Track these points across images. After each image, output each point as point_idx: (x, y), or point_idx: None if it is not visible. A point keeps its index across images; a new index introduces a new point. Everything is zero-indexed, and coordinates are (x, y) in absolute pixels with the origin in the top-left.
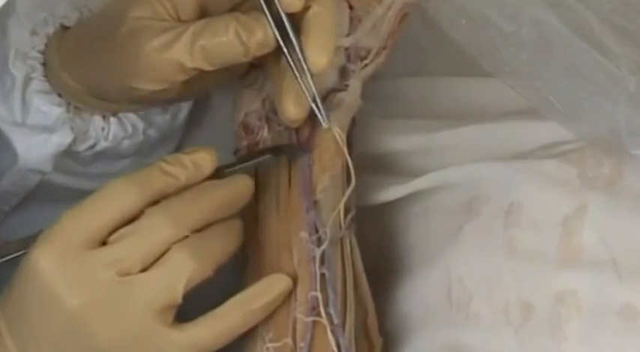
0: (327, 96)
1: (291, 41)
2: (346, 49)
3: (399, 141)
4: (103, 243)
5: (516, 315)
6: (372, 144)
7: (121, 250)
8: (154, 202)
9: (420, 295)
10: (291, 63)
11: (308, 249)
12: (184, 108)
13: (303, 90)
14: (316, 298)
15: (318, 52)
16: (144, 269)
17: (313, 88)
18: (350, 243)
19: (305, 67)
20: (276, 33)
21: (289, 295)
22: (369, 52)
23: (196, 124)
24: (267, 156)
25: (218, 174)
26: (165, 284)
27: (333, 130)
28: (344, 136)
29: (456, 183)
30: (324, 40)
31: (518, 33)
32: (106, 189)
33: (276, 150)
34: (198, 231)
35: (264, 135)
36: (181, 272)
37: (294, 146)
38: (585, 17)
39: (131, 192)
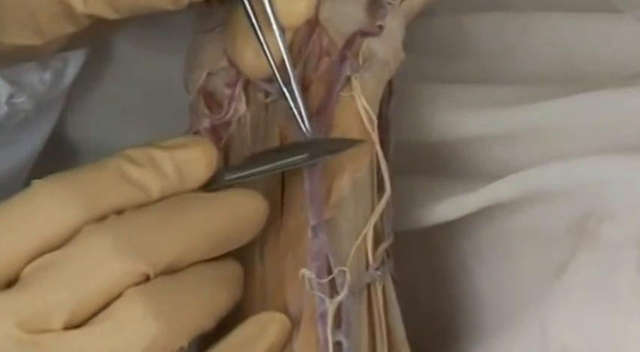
0: (349, 45)
1: None
2: None
3: (465, 120)
4: (9, 284)
5: None
6: (421, 127)
7: (36, 293)
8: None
9: None
10: (249, 10)
11: (314, 299)
12: (74, 62)
13: (265, 54)
14: None
15: None
16: (74, 326)
17: (283, 50)
18: (384, 291)
19: (272, 19)
20: None
21: None
22: None
23: (91, 85)
24: (303, 157)
25: (215, 181)
26: None
27: (357, 103)
28: (374, 113)
29: (557, 190)
30: None
31: None
32: (29, 200)
33: (318, 145)
34: (170, 273)
35: (240, 111)
36: (135, 335)
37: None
38: None
39: (70, 207)
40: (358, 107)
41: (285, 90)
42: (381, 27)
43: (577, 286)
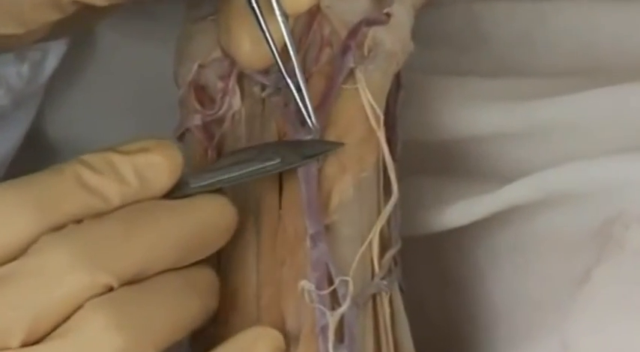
0: (353, 34)
1: None
2: None
3: (477, 116)
4: None
5: None
6: (430, 124)
7: None
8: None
9: None
10: None
11: (314, 313)
12: (54, 53)
13: (267, 40)
14: None
15: None
16: (31, 343)
17: (287, 37)
18: (391, 302)
19: (275, 4)
20: None
21: None
22: None
23: (72, 78)
24: (275, 163)
25: (179, 188)
26: None
27: (362, 97)
28: (380, 108)
29: (578, 192)
30: None
31: None
32: None
33: (294, 148)
34: (135, 282)
35: (234, 106)
36: (96, 349)
37: (333, 144)
38: None
39: (25, 216)
40: (363, 102)
41: (288, 79)
42: (388, 15)
43: (601, 296)
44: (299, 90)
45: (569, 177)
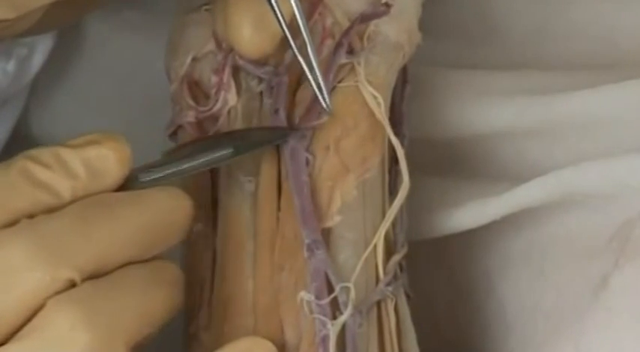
0: (348, 31)
1: None
2: None
3: (489, 112)
4: None
5: None
6: (437, 120)
7: None
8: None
9: None
10: None
11: (315, 323)
12: (41, 48)
13: (276, 14)
14: None
15: None
16: None
17: (297, 10)
18: (396, 310)
19: None
20: None
21: None
22: None
23: (58, 74)
24: (227, 152)
25: (130, 184)
26: None
27: (364, 93)
28: (385, 104)
29: (596, 193)
30: None
31: None
32: None
33: (245, 137)
34: (96, 277)
35: (230, 102)
36: (62, 348)
37: (288, 129)
38: None
39: None
40: (366, 98)
41: (300, 58)
42: (387, 5)
43: (619, 305)
44: (310, 67)
45: (588, 176)
